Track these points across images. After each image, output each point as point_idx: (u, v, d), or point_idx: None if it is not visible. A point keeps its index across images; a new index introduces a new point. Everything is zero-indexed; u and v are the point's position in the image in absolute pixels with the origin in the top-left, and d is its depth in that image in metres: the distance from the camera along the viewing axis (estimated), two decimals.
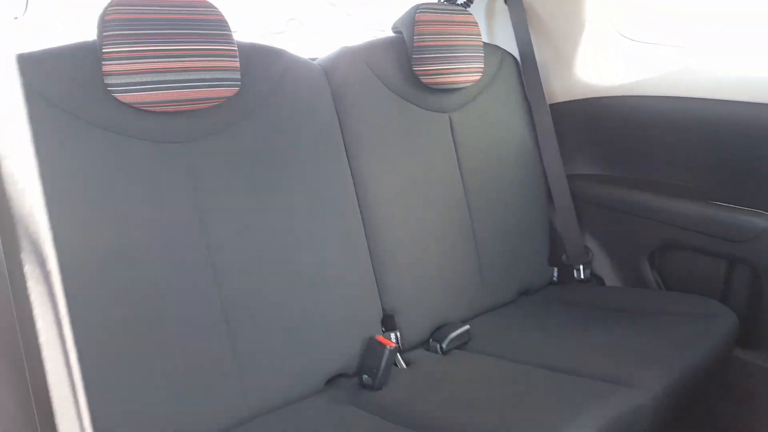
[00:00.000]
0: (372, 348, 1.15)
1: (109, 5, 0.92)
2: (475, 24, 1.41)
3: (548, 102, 1.55)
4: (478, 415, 0.95)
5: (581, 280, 1.53)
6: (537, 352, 1.16)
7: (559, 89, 1.58)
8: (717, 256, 1.35)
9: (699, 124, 1.33)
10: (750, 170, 1.27)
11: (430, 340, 1.26)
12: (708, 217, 1.33)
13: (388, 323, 1.23)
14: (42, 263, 0.67)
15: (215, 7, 1.02)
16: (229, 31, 1.02)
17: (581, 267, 1.53)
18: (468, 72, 1.38)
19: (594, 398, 0.93)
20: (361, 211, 1.22)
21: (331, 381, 1.14)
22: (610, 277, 1.54)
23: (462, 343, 1.25)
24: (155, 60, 0.94)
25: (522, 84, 1.55)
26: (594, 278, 1.55)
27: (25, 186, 0.70)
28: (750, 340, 1.28)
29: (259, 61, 1.11)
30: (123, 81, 0.91)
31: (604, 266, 1.55)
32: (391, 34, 1.39)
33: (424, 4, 1.34)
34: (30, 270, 0.66)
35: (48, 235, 0.79)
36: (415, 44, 1.30)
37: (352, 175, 1.22)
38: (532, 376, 1.06)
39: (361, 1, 3.43)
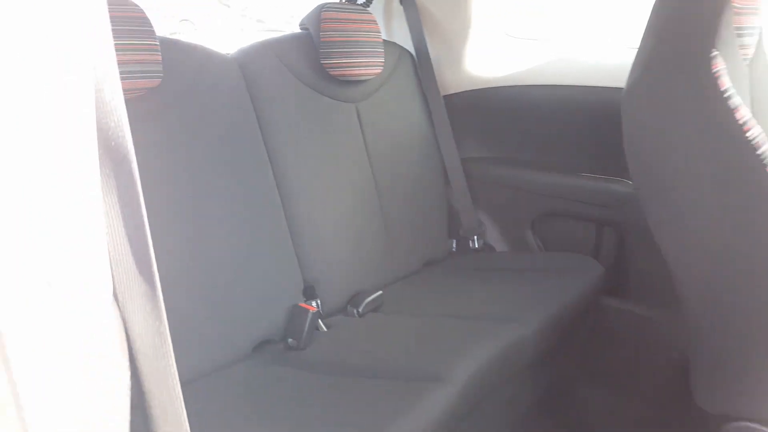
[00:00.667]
0: (296, 314, 1.27)
1: None
2: (375, 22, 1.56)
3: (442, 93, 1.74)
4: (392, 358, 1.11)
5: (476, 249, 1.74)
6: (441, 307, 1.34)
7: (451, 81, 1.77)
8: (588, 220, 1.59)
9: (567, 108, 1.57)
10: (611, 145, 1.52)
11: (348, 306, 1.40)
12: (579, 188, 1.57)
13: (309, 293, 1.36)
14: None
15: (137, 5, 1.10)
16: (151, 27, 1.11)
17: (475, 238, 1.74)
18: (370, 65, 1.52)
19: (489, 333, 1.11)
20: (280, 194, 1.33)
21: (259, 347, 1.25)
22: (499, 245, 1.76)
23: (376, 306, 1.41)
24: None
25: (418, 77, 1.72)
26: (486, 246, 1.76)
27: None
28: (615, 289, 1.53)
29: (177, 56, 1.19)
30: None
31: (494, 236, 1.76)
32: (294, 31, 1.51)
33: (328, 3, 1.47)
34: None
35: None
36: (322, 39, 1.43)
37: (269, 161, 1.33)
38: (437, 324, 1.24)
39: (254, 1, 3.48)
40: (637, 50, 1.07)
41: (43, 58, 0.29)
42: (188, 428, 0.44)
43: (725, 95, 0.89)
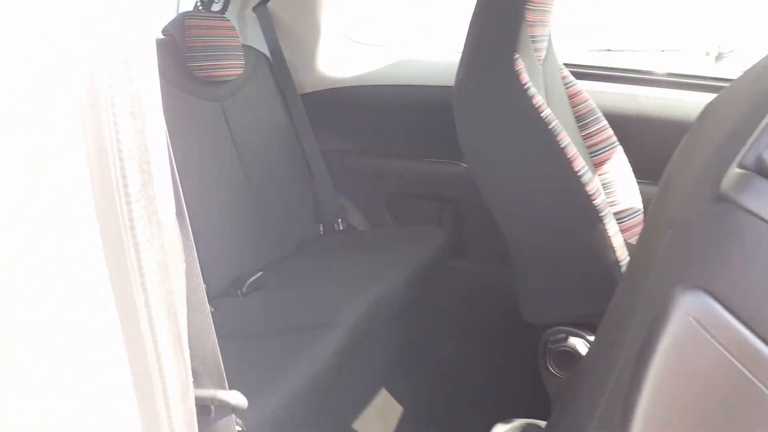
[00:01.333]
0: None
1: None
2: (233, 28, 1.70)
3: (299, 92, 1.92)
4: (283, 318, 1.28)
5: (340, 231, 1.95)
6: (316, 278, 1.53)
7: (307, 81, 1.96)
8: (432, 197, 1.87)
9: (409, 104, 1.84)
10: (447, 133, 1.81)
11: (231, 288, 1.53)
12: (423, 171, 1.84)
13: None
14: None
15: None
16: None
17: (339, 221, 1.95)
18: (232, 67, 1.66)
19: (363, 289, 1.33)
20: None
21: None
22: (361, 225, 1.99)
23: (258, 286, 1.55)
24: None
25: (276, 78, 1.88)
26: (349, 227, 1.99)
27: None
28: (458, 251, 1.83)
29: None
30: None
31: (356, 217, 1.99)
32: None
33: (190, 12, 1.59)
34: None
35: None
36: (187, 45, 1.54)
37: None
38: (317, 291, 1.43)
39: None
40: (461, 54, 1.34)
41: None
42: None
43: (525, 87, 1.18)
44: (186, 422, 0.49)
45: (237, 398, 0.61)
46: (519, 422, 1.34)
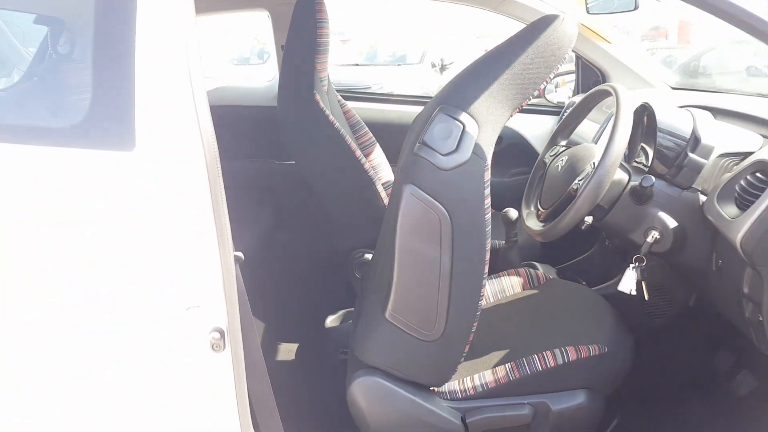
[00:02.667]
0: None
1: None
2: None
3: None
4: None
5: None
6: None
7: None
8: (262, 190, 2.59)
9: (232, 122, 2.53)
10: (271, 142, 2.52)
11: None
12: (264, 170, 2.56)
13: None
14: None
15: None
16: None
17: None
18: None
19: None
20: None
21: None
22: None
23: None
24: None
25: None
26: None
27: None
28: (287, 227, 2.58)
29: None
30: None
31: None
32: None
33: None
34: None
35: None
36: None
37: None
38: None
39: None
40: (278, 91, 2.08)
41: None
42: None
43: (323, 110, 1.97)
44: None
45: None
46: (343, 311, 2.16)
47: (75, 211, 1.06)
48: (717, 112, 1.67)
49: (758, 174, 1.24)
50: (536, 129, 2.63)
